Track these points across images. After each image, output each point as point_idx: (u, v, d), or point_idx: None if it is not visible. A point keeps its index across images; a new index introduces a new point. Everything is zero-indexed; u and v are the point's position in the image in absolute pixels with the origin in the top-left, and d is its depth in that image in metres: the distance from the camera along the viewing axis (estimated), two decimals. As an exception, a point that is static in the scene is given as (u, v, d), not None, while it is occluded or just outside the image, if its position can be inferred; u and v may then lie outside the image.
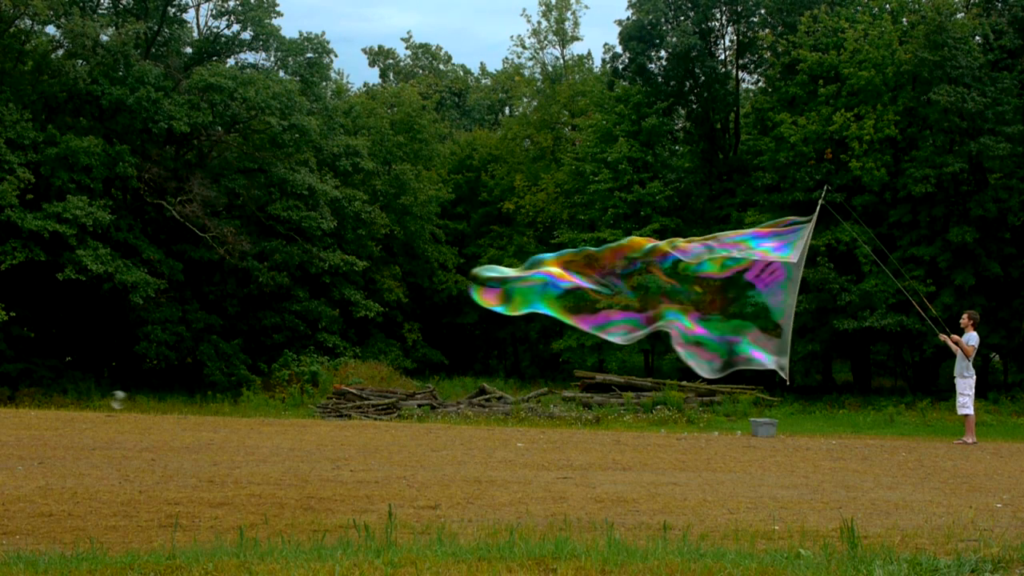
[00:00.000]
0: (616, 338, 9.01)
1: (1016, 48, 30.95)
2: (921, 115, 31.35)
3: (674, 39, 36.98)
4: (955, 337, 16.96)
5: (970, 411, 16.91)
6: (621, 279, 8.82)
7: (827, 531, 7.89)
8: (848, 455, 14.62)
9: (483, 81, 62.51)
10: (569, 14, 47.68)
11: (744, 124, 39.92)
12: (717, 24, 39.19)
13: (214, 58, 38.87)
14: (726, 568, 6.18)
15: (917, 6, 33.05)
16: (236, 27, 39.15)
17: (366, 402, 28.17)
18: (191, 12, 42.74)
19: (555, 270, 8.88)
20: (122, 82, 34.14)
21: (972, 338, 16.96)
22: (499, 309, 9.14)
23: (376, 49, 63.04)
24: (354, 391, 29.22)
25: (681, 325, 8.77)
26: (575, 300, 8.78)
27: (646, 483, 10.99)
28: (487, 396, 29.12)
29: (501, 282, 9.04)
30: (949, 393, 21.14)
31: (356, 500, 9.64)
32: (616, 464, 13.08)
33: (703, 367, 8.94)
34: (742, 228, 10.16)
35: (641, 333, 8.99)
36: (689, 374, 33.54)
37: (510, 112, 57.84)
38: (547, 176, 42.87)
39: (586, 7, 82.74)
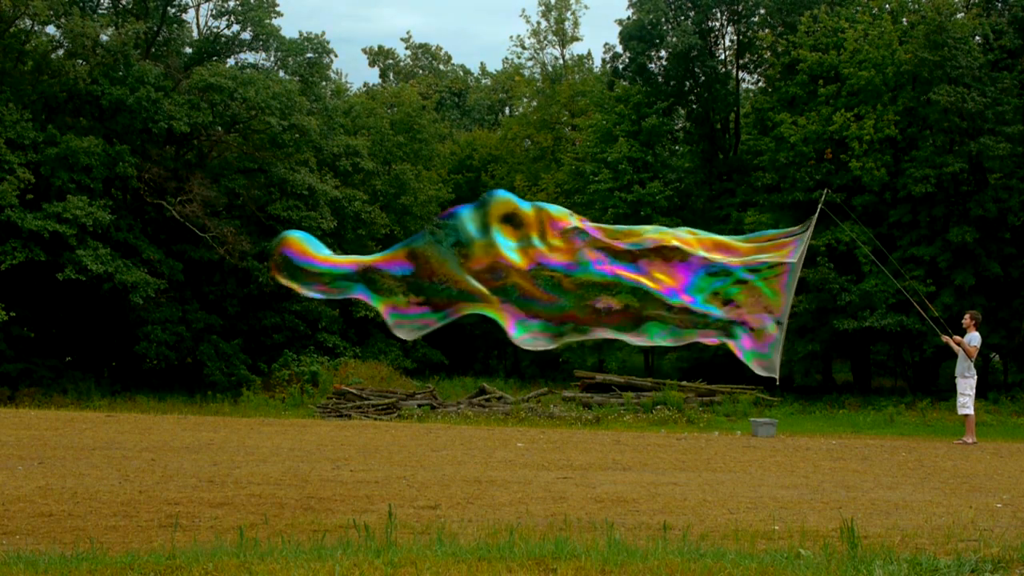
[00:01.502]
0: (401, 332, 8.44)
1: (1016, 48, 30.94)
2: (921, 115, 31.35)
3: (674, 39, 36.98)
4: (957, 338, 16.94)
5: (970, 411, 16.90)
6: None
7: (827, 531, 7.89)
8: (848, 455, 14.62)
9: (483, 81, 62.53)
10: (569, 14, 47.75)
11: (744, 124, 39.92)
12: (717, 24, 39.21)
13: (214, 58, 38.86)
14: (726, 568, 6.18)
15: (917, 6, 33.06)
16: (236, 27, 39.15)
17: (366, 402, 28.17)
18: (191, 12, 42.79)
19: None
20: (122, 82, 34.14)
21: (974, 338, 16.94)
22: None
23: (376, 49, 63.07)
24: (354, 391, 29.22)
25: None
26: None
27: (646, 483, 10.99)
28: (487, 396, 29.12)
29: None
30: (949, 393, 21.14)
31: (356, 500, 9.64)
32: (616, 464, 13.08)
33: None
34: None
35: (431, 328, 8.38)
36: (689, 374, 33.63)
37: (510, 112, 57.85)
38: (547, 176, 42.86)
39: (586, 7, 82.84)
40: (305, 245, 8.14)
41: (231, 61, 40.01)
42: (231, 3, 38.77)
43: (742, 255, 8.46)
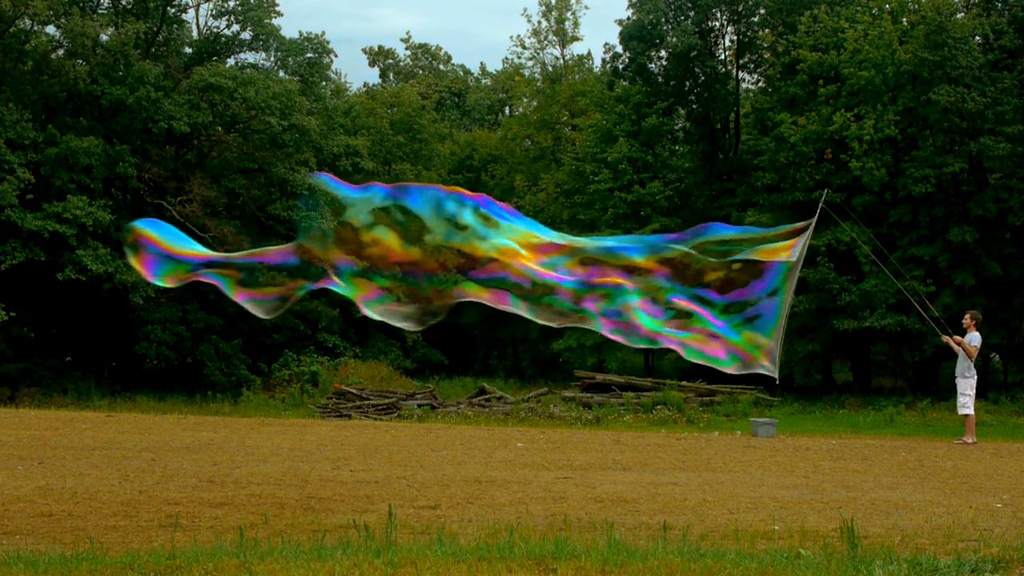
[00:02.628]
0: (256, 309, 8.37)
1: (1016, 48, 30.94)
2: (921, 115, 31.35)
3: (674, 39, 36.99)
4: (957, 338, 16.94)
5: (970, 411, 16.90)
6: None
7: (827, 531, 7.89)
8: (848, 455, 14.62)
9: (483, 81, 62.49)
10: (569, 14, 47.71)
11: (744, 124, 39.92)
12: (717, 24, 39.22)
13: (214, 58, 38.84)
14: (726, 568, 6.18)
15: (917, 6, 33.05)
16: (236, 27, 39.14)
17: (366, 402, 28.16)
18: (191, 12, 42.79)
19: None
20: (122, 82, 34.14)
21: (974, 338, 16.93)
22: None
23: (376, 49, 63.05)
24: (354, 391, 29.22)
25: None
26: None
27: (646, 483, 10.99)
28: (487, 396, 29.12)
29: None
30: (949, 393, 21.14)
31: (356, 500, 9.64)
32: (616, 464, 13.08)
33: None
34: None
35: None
36: (689, 374, 33.60)
37: (510, 112, 57.83)
38: (547, 176, 42.86)
39: (586, 7, 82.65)
40: (161, 236, 8.03)
41: (231, 61, 40.01)
42: (231, 3, 38.76)
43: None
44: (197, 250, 8.24)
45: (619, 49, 39.66)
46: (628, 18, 38.81)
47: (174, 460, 12.66)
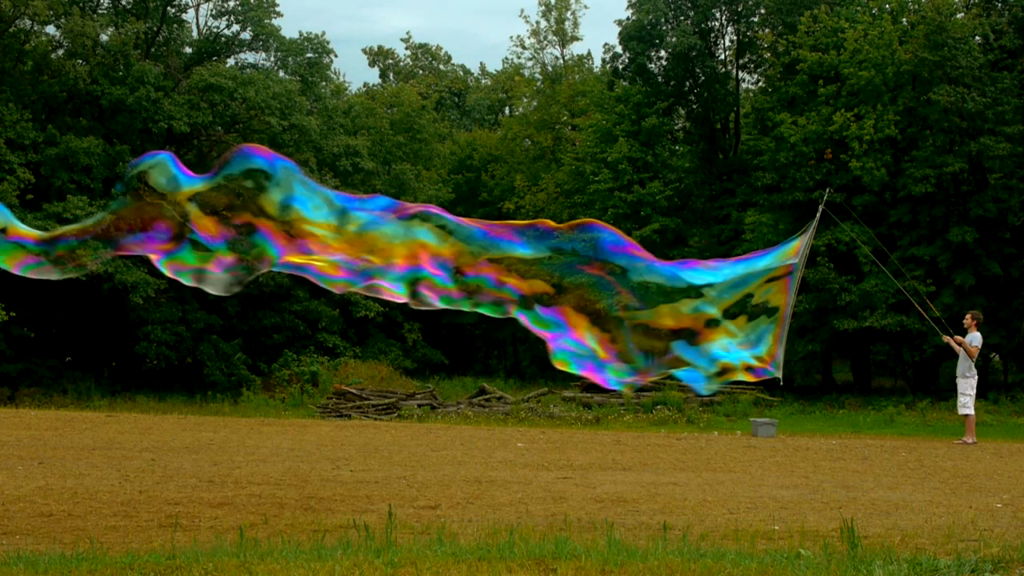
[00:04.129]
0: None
1: (1016, 48, 30.94)
2: (921, 115, 31.34)
3: (674, 39, 36.99)
4: (958, 338, 16.94)
5: (971, 411, 16.90)
6: None
7: (827, 531, 7.89)
8: (848, 455, 14.62)
9: (483, 81, 62.50)
10: (569, 14, 47.75)
11: (744, 124, 39.91)
12: (717, 24, 39.21)
13: (214, 58, 38.88)
14: (726, 568, 6.18)
15: (917, 6, 33.04)
16: (236, 27, 39.19)
17: (366, 402, 28.15)
18: (191, 12, 42.83)
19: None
20: (122, 82, 34.17)
21: (975, 338, 16.93)
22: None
23: (376, 49, 63.06)
24: (354, 391, 29.20)
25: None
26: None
27: (646, 483, 10.99)
28: (487, 396, 29.10)
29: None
30: (949, 393, 21.14)
31: (356, 500, 9.64)
32: (616, 464, 13.08)
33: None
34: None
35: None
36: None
37: (510, 112, 57.83)
38: (547, 176, 42.86)
39: (586, 7, 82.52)
40: None
41: (231, 61, 40.06)
42: (231, 3, 38.81)
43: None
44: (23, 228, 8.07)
45: (619, 49, 39.65)
46: (628, 18, 38.81)
47: (174, 460, 12.66)
